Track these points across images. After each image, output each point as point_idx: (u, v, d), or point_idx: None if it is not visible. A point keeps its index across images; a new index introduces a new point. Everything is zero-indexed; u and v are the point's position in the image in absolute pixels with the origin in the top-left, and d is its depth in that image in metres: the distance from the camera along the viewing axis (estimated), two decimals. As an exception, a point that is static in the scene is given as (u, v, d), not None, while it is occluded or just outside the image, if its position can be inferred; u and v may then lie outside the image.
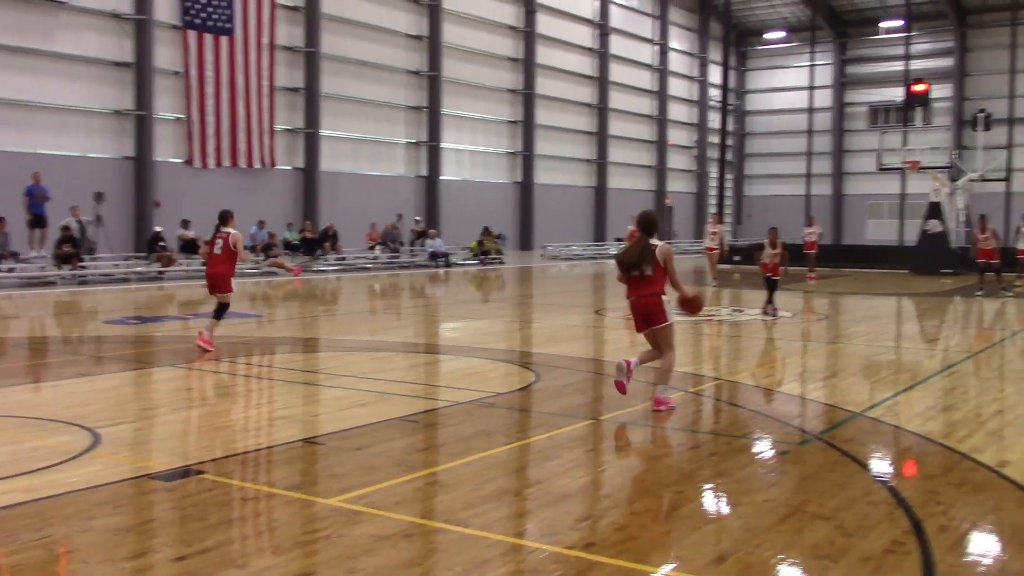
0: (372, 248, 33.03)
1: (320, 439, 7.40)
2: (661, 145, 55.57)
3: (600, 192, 50.19)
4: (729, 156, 60.29)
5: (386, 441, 7.32)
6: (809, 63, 59.08)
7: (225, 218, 12.46)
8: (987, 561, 4.99)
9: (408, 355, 12.24)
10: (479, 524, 5.37)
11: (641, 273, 8.60)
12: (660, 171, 55.52)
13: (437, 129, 39.70)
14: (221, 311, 12.30)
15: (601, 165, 50.28)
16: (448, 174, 40.84)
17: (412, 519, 5.47)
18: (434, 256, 33.39)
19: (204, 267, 12.57)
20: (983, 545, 5.24)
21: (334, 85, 35.68)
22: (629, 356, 9.25)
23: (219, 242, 12.31)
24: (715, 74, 57.92)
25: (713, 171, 58.43)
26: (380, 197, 37.49)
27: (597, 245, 46.30)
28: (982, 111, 37.62)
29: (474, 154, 42.68)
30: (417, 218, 36.97)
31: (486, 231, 36.73)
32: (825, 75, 59.82)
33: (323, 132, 35.23)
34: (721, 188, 38.71)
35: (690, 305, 8.95)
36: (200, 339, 11.96)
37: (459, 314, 17.98)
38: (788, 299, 22.42)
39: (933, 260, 30.88)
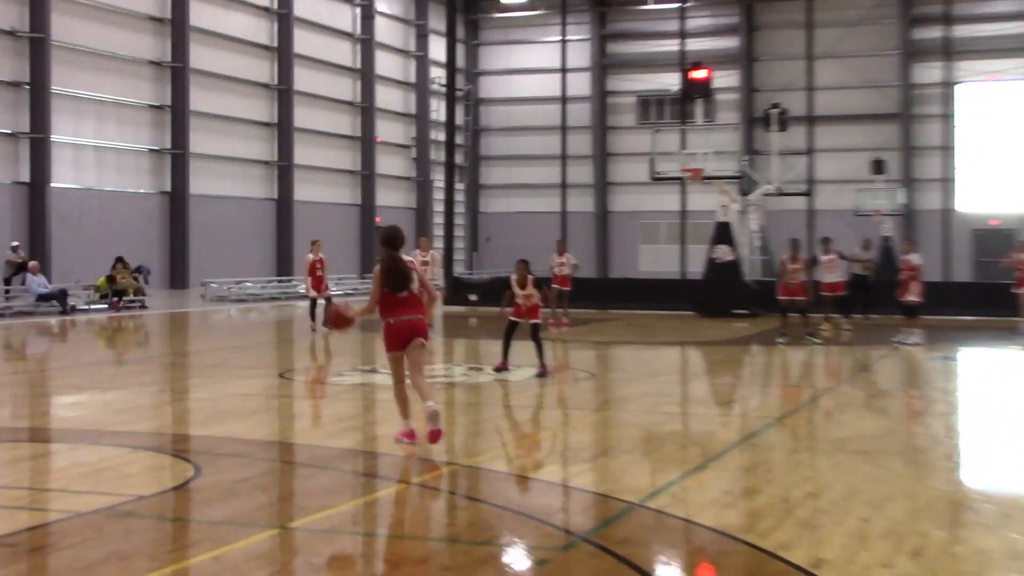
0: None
1: None
2: (368, 143, 56.08)
3: (283, 206, 49.92)
4: (460, 159, 61.70)
5: (-32, 576, 6.83)
6: (560, 38, 61.60)
7: None
8: None
9: (2, 445, 11.56)
10: None
11: (409, 291, 10.84)
12: (367, 178, 55.97)
13: (44, 114, 38.14)
14: None
15: (283, 169, 50.04)
16: (63, 179, 39.26)
17: None
18: (44, 298, 31.92)
19: None
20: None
21: None
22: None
23: None
24: (438, 49, 59.29)
25: (439, 179, 59.63)
26: (-42, 213, 35.49)
27: (280, 281, 45.91)
28: (776, 106, 40.57)
29: (103, 151, 41.30)
30: (15, 243, 35.25)
31: (120, 262, 35.57)
32: (581, 55, 62.56)
33: None
34: (450, 202, 39.45)
35: (339, 319, 11.27)
36: None
37: (81, 383, 17.19)
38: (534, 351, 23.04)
39: (723, 297, 32.71)
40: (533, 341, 17.39)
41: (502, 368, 17.34)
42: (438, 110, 59.01)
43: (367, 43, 55.98)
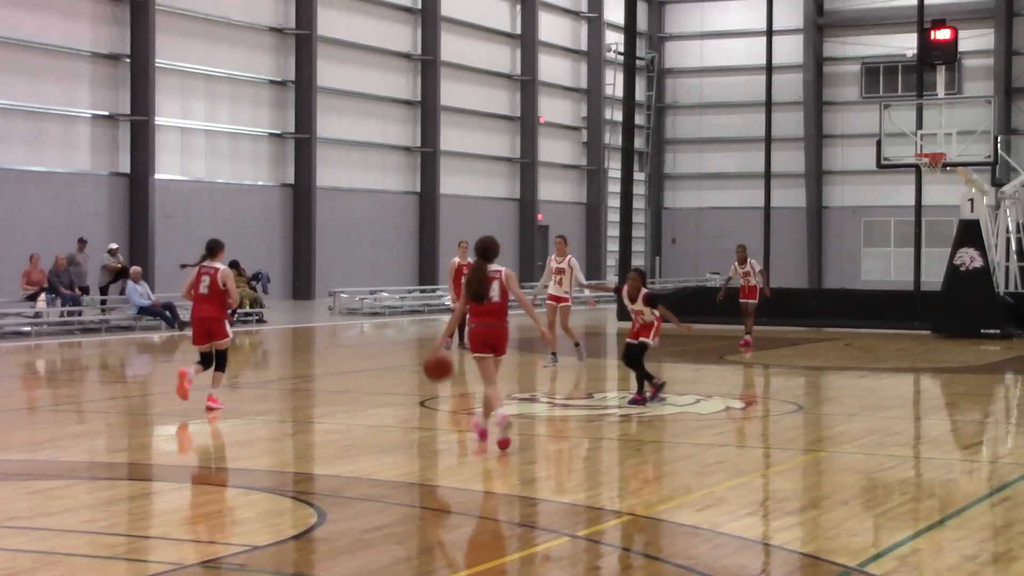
0: (32, 298, 32.19)
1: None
2: (528, 124, 56.35)
3: (427, 200, 50.44)
4: (640, 143, 61.65)
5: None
6: (767, -8, 61.03)
7: (214, 250, 16.91)
8: None
9: (97, 483, 11.93)
10: None
11: (490, 300, 13.60)
12: (527, 167, 56.24)
13: (147, 92, 39.20)
14: (222, 361, 16.88)
15: (427, 156, 50.59)
16: (168, 170, 40.29)
17: None
18: (146, 312, 32.71)
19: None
20: None
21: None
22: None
23: (206, 279, 16.65)
24: (615, 8, 59.25)
25: (615, 168, 59.63)
26: (49, 209, 36.63)
27: (423, 290, 46.38)
28: (1042, 73, 39.59)
29: (215, 136, 42.27)
30: (113, 246, 36.26)
31: (234, 267, 36.29)
32: (792, 12, 61.79)
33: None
34: (627, 195, 39.37)
35: (437, 368, 13.93)
36: (209, 399, 16.49)
37: (188, 410, 17.63)
38: (728, 378, 22.98)
39: (969, 314, 32.06)
40: (634, 362, 17.55)
41: (642, 400, 17.49)
42: (614, 84, 58.99)
43: (529, 2, 56.27)
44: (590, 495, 11.54)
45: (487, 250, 13.82)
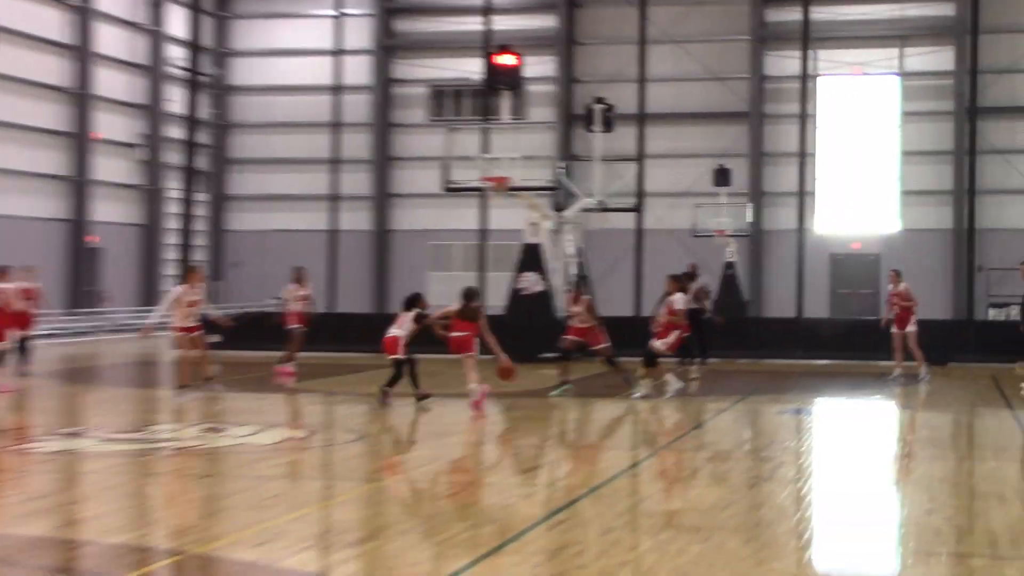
0: None
1: None
2: (82, 141, 55.00)
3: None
4: (202, 163, 61.02)
5: None
6: (335, 11, 61.54)
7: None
8: None
9: None
10: None
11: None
12: (79, 186, 54.85)
13: None
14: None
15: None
16: None
17: None
18: None
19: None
20: None
21: None
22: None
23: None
24: (177, 21, 58.60)
25: (174, 188, 58.87)
26: None
27: None
28: (600, 101, 41.24)
29: None
30: None
31: None
32: (360, 33, 62.44)
33: None
34: (187, 217, 38.93)
35: None
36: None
37: None
38: (291, 406, 23.05)
39: (530, 337, 32.91)
40: None
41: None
42: (176, 100, 58.29)
43: (82, 11, 54.94)
44: (140, 534, 11.32)
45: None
